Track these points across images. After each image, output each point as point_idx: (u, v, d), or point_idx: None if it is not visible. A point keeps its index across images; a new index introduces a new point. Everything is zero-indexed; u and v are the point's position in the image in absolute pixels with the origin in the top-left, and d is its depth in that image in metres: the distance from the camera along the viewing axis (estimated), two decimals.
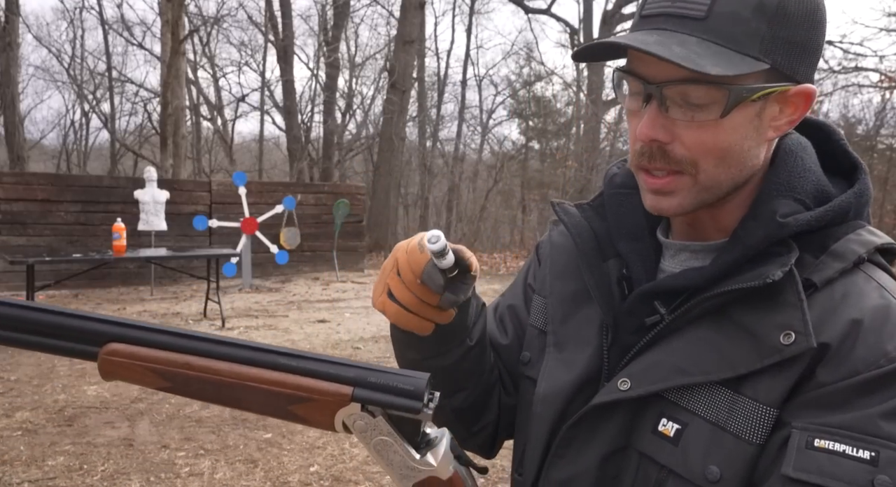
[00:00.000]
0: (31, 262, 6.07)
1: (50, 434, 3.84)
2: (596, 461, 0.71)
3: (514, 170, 21.49)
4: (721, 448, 0.63)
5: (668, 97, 0.65)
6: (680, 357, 0.67)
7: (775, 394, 0.62)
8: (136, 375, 0.60)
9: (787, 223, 0.66)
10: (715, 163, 0.66)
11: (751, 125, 0.66)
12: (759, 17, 0.62)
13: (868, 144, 14.93)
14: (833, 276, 0.64)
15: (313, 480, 3.30)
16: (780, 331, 0.62)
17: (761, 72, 0.64)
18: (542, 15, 21.31)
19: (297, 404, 0.59)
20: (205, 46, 21.87)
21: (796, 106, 0.67)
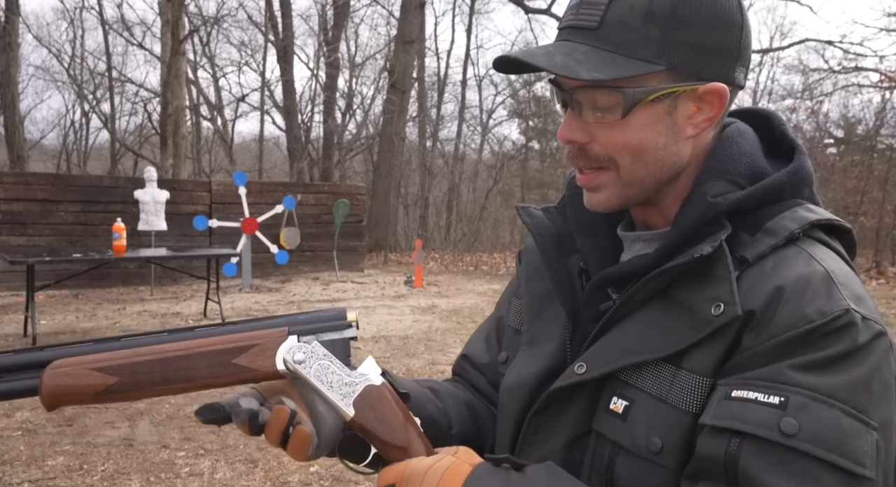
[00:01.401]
0: (31, 262, 6.07)
1: (50, 434, 3.84)
2: (561, 445, 0.74)
3: (514, 170, 21.50)
4: (662, 420, 0.66)
5: (580, 102, 0.70)
6: (630, 338, 0.70)
7: (708, 364, 0.65)
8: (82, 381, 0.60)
9: (717, 202, 0.69)
10: (631, 160, 0.70)
11: (661, 124, 0.69)
12: (649, 24, 0.66)
13: (868, 144, 14.92)
14: (765, 252, 0.67)
15: (313, 480, 3.30)
16: (712, 304, 0.65)
17: (660, 74, 0.67)
18: (542, 15, 21.30)
19: (241, 354, 0.64)
20: (205, 46, 21.89)
21: (711, 104, 0.70)
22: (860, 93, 18.77)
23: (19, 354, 0.63)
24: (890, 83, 13.95)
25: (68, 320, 7.47)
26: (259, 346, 0.65)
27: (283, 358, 0.65)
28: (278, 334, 0.67)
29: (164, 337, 0.65)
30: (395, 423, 0.68)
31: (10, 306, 8.28)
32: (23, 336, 6.45)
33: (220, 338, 0.67)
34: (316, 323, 0.68)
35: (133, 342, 0.65)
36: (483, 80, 24.40)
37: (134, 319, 7.60)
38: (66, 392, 0.61)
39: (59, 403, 0.62)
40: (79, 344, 0.64)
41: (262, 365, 0.66)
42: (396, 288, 10.76)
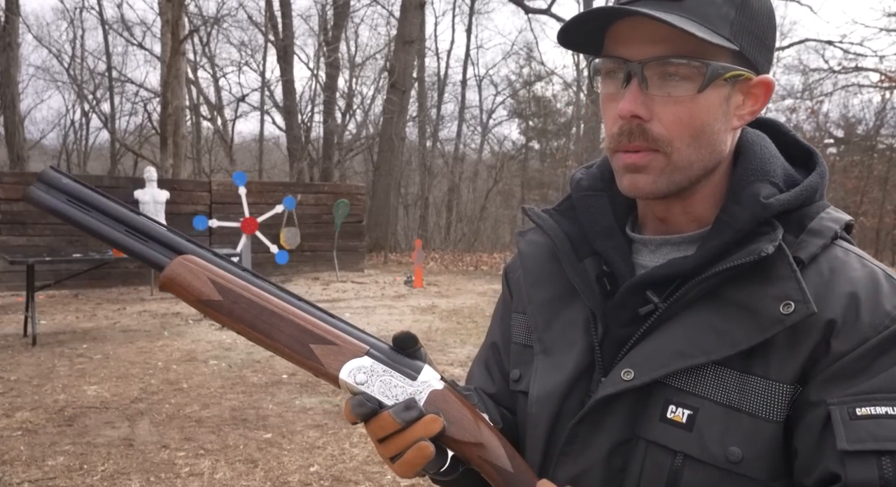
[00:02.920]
0: (31, 262, 6.07)
1: (50, 434, 3.84)
2: (603, 454, 0.72)
3: (514, 170, 21.50)
4: (738, 429, 0.65)
5: (650, 76, 0.68)
6: (680, 341, 0.69)
7: (788, 371, 0.65)
8: (197, 284, 0.65)
9: (771, 203, 0.70)
10: (688, 142, 0.69)
11: (720, 108, 0.70)
12: (728, 4, 0.67)
13: (868, 144, 14.93)
14: (816, 252, 0.68)
15: (313, 480, 3.30)
16: (779, 303, 0.65)
17: (731, 53, 0.68)
18: (542, 15, 21.31)
19: (320, 344, 0.66)
20: (205, 46, 21.88)
21: (756, 97, 0.72)
22: (860, 93, 18.78)
23: (170, 233, 0.67)
24: (890, 83, 13.96)
25: (68, 320, 7.47)
26: (337, 347, 0.67)
27: (348, 371, 0.66)
28: (358, 349, 0.68)
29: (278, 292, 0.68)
30: (465, 421, 0.68)
31: (10, 306, 8.28)
32: (23, 336, 6.45)
33: (314, 321, 0.68)
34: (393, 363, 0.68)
35: (254, 280, 0.68)
36: (483, 80, 24.44)
37: (134, 319, 7.60)
38: (180, 283, 0.65)
39: (169, 289, 0.66)
40: (218, 255, 0.68)
41: (328, 365, 0.67)
42: (396, 288, 10.76)
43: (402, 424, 0.64)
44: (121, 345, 6.16)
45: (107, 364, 5.46)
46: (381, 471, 3.41)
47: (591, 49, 0.73)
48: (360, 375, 0.66)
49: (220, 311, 0.66)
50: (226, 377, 5.14)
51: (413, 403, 0.65)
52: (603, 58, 0.72)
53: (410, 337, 0.69)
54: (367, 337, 0.70)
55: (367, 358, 0.67)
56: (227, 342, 6.41)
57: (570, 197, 0.87)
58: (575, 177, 0.87)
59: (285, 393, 4.74)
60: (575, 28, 0.71)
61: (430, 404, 0.67)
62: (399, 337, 0.69)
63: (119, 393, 4.67)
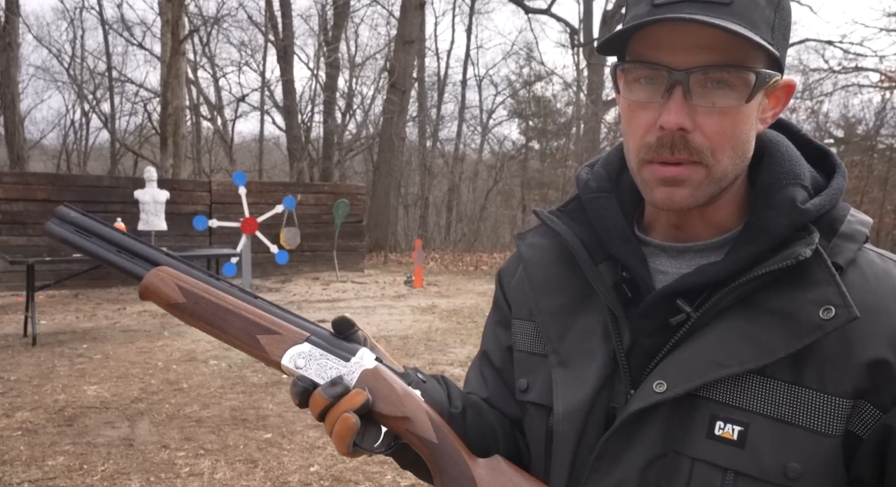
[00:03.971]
0: (31, 262, 6.07)
1: (50, 434, 3.84)
2: (637, 470, 0.69)
3: (514, 170, 21.50)
4: (795, 444, 0.63)
5: (695, 85, 0.64)
6: (714, 350, 0.66)
7: (845, 385, 0.63)
8: (166, 290, 0.74)
9: (808, 209, 0.67)
10: (729, 154, 0.67)
11: (755, 115, 0.68)
12: (770, 7, 0.65)
13: (868, 144, 14.92)
14: (852, 257, 0.67)
15: (313, 480, 3.30)
16: (819, 308, 0.63)
17: (769, 57, 0.65)
18: (542, 15, 21.31)
19: (265, 334, 0.72)
20: (205, 46, 21.89)
21: (778, 99, 0.70)
22: (860, 93, 18.79)
23: (151, 250, 0.77)
24: (890, 83, 13.96)
25: (68, 320, 7.48)
26: (280, 336, 0.73)
27: (289, 357, 0.72)
28: (299, 336, 0.73)
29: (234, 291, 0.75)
30: (393, 397, 0.71)
31: (10, 306, 8.29)
32: (23, 336, 6.46)
33: (261, 314, 0.73)
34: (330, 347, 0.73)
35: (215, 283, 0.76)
36: (483, 80, 24.44)
37: (134, 319, 7.61)
38: (153, 291, 0.75)
39: (146, 297, 0.75)
40: (190, 265, 0.77)
41: (272, 352, 0.72)
42: (396, 288, 10.76)
43: (330, 399, 0.68)
44: (121, 345, 6.16)
45: (107, 364, 5.46)
46: (380, 471, 3.41)
47: (612, 50, 0.70)
48: (300, 360, 0.72)
49: (185, 312, 0.74)
50: (226, 377, 5.14)
51: (339, 380, 0.69)
52: (642, 64, 0.66)
53: (346, 321, 0.74)
54: (310, 326, 0.74)
55: (306, 345, 0.72)
56: None
57: (577, 198, 0.83)
58: (582, 178, 0.83)
59: (285, 393, 4.74)
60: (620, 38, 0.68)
61: (360, 382, 0.71)
62: (336, 321, 0.74)
63: (119, 393, 4.67)
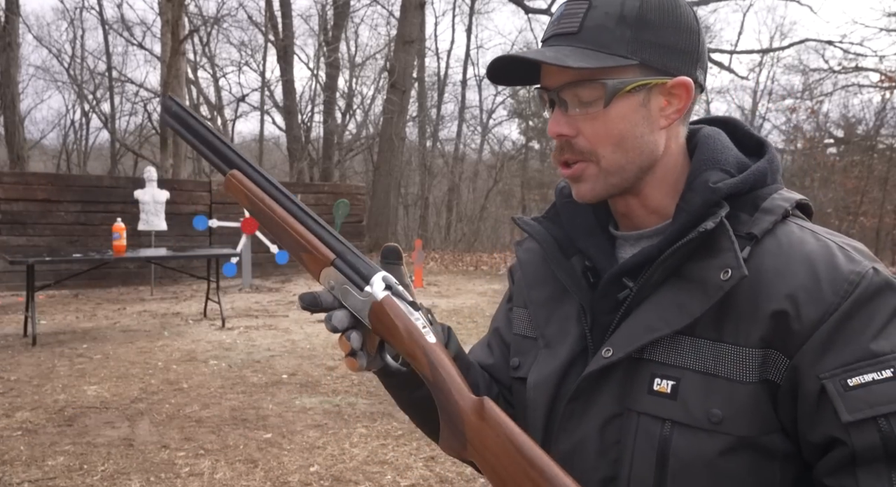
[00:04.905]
0: (31, 262, 6.06)
1: (50, 434, 3.84)
2: (596, 427, 0.80)
3: (514, 170, 21.50)
4: (717, 393, 0.73)
5: (566, 99, 0.79)
6: (649, 317, 0.77)
7: (753, 336, 0.72)
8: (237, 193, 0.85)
9: (718, 187, 0.78)
10: (612, 150, 0.79)
11: (637, 114, 0.78)
12: (622, 26, 0.77)
13: (868, 144, 14.92)
14: (768, 227, 0.76)
15: (313, 480, 3.30)
16: (720, 271, 0.73)
17: (633, 68, 0.77)
18: (542, 15, 21.30)
19: (305, 252, 0.82)
20: (205, 46, 21.89)
21: (679, 97, 0.79)
22: (860, 93, 18.78)
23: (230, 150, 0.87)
24: (890, 83, 13.95)
25: (68, 320, 7.47)
26: (314, 256, 0.81)
27: (323, 277, 0.81)
28: (327, 258, 0.81)
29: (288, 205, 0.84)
30: (395, 332, 0.78)
31: (10, 306, 8.29)
32: (23, 336, 6.46)
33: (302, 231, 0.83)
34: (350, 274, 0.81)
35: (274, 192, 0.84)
36: (483, 80, 24.37)
37: (134, 319, 7.61)
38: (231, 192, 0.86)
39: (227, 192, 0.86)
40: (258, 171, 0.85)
41: (312, 270, 0.83)
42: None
43: (331, 330, 0.79)
44: (121, 345, 6.16)
45: (107, 364, 5.46)
46: (380, 471, 3.41)
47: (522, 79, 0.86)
48: (331, 281, 0.80)
49: (252, 215, 0.85)
50: (226, 377, 5.14)
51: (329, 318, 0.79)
52: (536, 88, 0.85)
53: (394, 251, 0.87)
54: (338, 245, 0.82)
55: (332, 268, 0.80)
56: (227, 342, 6.41)
57: (555, 204, 0.96)
58: (559, 186, 0.97)
59: (285, 393, 4.74)
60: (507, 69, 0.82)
61: (372, 314, 0.78)
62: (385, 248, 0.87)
63: (119, 393, 4.67)
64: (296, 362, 5.67)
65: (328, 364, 5.63)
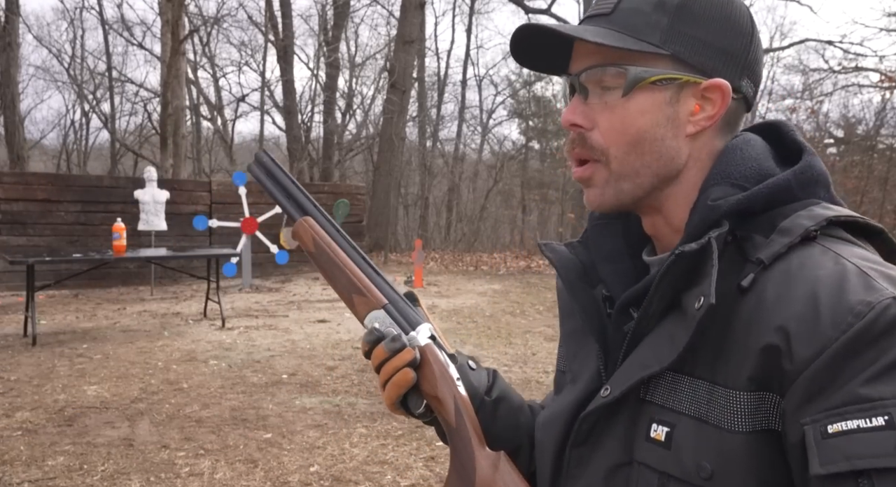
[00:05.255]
0: (31, 262, 6.06)
1: (50, 434, 3.84)
2: (601, 476, 0.71)
3: (514, 170, 21.49)
4: (708, 443, 0.62)
5: (587, 86, 0.71)
6: (645, 352, 0.69)
7: (740, 377, 0.61)
8: (305, 237, 0.90)
9: (718, 205, 0.67)
10: (626, 150, 0.70)
11: (661, 113, 0.69)
12: (659, 12, 0.69)
13: (868, 144, 14.92)
14: (780, 251, 0.63)
15: (313, 480, 3.30)
16: (696, 299, 0.63)
17: (664, 59, 0.69)
18: (542, 15, 21.31)
19: (358, 294, 0.85)
20: (205, 46, 21.90)
21: (713, 102, 0.70)
22: (860, 93, 18.79)
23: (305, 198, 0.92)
24: (890, 83, 13.95)
25: (68, 320, 7.47)
26: (366, 298, 0.85)
27: (369, 319, 0.84)
28: (379, 301, 0.84)
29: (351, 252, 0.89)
30: (430, 376, 0.79)
31: (10, 306, 8.29)
32: (23, 336, 6.46)
33: (359, 274, 0.86)
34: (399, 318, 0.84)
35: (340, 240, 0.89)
36: (483, 80, 24.43)
37: (134, 319, 7.61)
38: (299, 236, 0.91)
39: (296, 238, 0.91)
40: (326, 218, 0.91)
41: (359, 312, 0.85)
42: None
43: (389, 353, 0.78)
44: (121, 345, 6.16)
45: (107, 364, 5.46)
46: (380, 471, 3.41)
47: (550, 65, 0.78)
48: (376, 324, 0.84)
49: (313, 259, 0.89)
50: (226, 377, 5.14)
51: (398, 338, 0.80)
52: (562, 75, 0.77)
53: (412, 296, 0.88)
54: (392, 293, 0.86)
55: (382, 311, 0.84)
56: (227, 342, 6.41)
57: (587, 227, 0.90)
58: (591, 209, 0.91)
59: (285, 393, 4.74)
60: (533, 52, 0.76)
61: None
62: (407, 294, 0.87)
63: (119, 393, 4.67)
64: (296, 362, 5.67)
65: (328, 364, 5.63)
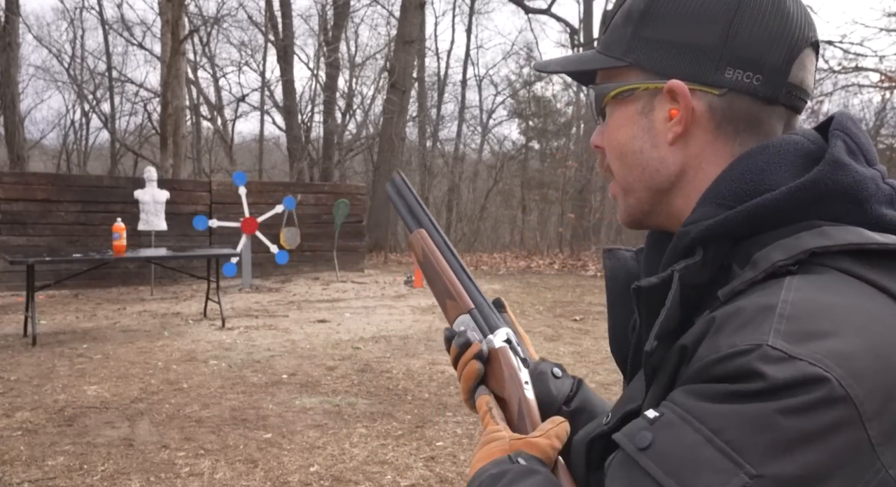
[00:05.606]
0: (31, 262, 6.06)
1: (50, 434, 3.84)
2: None
3: (514, 170, 21.49)
4: None
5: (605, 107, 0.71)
6: (634, 385, 0.65)
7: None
8: (416, 247, 0.95)
9: (688, 230, 0.61)
10: (619, 164, 0.70)
11: (636, 124, 0.67)
12: (626, 23, 0.67)
13: None
14: (740, 288, 0.56)
15: (313, 480, 3.30)
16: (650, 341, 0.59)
17: (630, 70, 0.67)
18: (542, 15, 21.31)
19: (450, 300, 0.91)
20: (205, 46, 21.90)
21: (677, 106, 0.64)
22: (860, 93, 18.78)
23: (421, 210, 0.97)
24: (890, 83, 13.95)
25: (68, 320, 7.47)
26: (457, 303, 0.90)
27: (456, 323, 0.90)
28: (466, 306, 0.89)
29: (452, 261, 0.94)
30: (499, 377, 0.83)
31: (10, 306, 8.29)
32: (23, 336, 6.46)
33: (454, 281, 0.91)
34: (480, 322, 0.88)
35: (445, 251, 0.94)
36: (483, 80, 24.43)
37: (134, 319, 7.61)
38: (412, 246, 0.97)
39: (410, 248, 0.97)
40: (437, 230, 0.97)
41: (449, 316, 0.90)
42: (396, 288, 10.76)
43: (458, 348, 0.83)
44: (121, 345, 6.16)
45: (107, 364, 5.46)
46: (380, 471, 3.41)
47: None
48: (461, 327, 0.90)
49: (420, 268, 0.95)
50: (226, 377, 5.14)
51: (464, 334, 0.85)
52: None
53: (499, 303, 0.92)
54: (479, 298, 0.91)
55: (467, 316, 0.90)
56: (227, 342, 6.41)
57: None
58: None
59: (285, 393, 4.74)
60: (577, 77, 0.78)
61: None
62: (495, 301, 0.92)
63: (119, 393, 4.67)
64: (296, 362, 5.67)
65: (328, 364, 5.63)
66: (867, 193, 0.59)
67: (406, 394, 4.77)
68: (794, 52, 0.62)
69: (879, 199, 0.59)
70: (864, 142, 0.62)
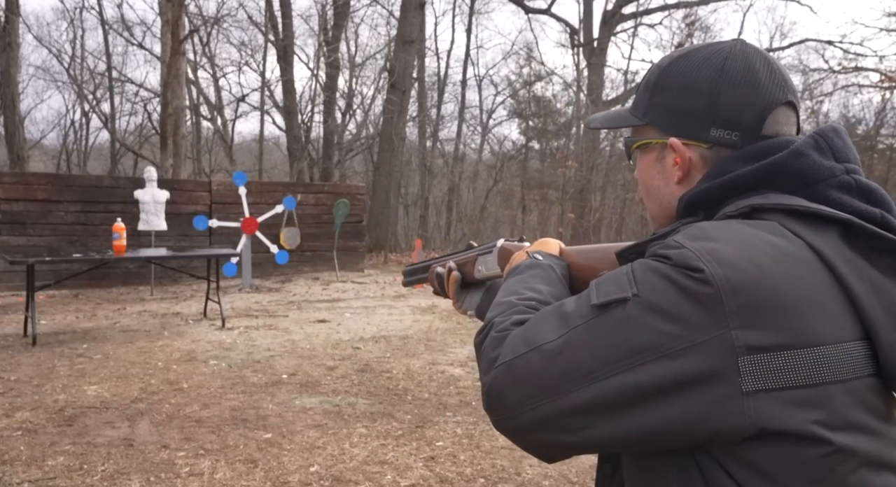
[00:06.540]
0: (31, 262, 6.06)
1: (50, 434, 3.84)
2: None
3: (514, 170, 21.47)
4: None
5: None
6: None
7: None
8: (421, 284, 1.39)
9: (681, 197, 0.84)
10: (646, 198, 0.92)
11: (654, 168, 0.89)
12: (646, 91, 0.88)
13: (868, 144, 14.92)
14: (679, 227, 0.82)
15: (313, 480, 3.30)
16: None
17: (648, 128, 0.89)
18: (542, 15, 21.31)
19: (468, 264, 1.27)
20: (205, 46, 21.87)
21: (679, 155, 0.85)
22: (860, 93, 18.78)
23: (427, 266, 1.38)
24: (890, 83, 13.94)
25: (68, 320, 7.47)
26: (471, 262, 1.26)
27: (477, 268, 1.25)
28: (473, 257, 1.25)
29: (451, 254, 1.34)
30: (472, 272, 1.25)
31: (10, 306, 8.28)
32: (23, 336, 6.46)
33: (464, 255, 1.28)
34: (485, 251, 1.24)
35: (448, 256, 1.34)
36: (483, 80, 24.41)
37: (134, 319, 7.60)
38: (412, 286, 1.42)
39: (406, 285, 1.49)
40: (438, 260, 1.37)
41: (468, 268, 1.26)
42: (396, 287, 10.75)
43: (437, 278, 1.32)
44: (121, 345, 6.16)
45: (107, 364, 5.46)
46: (380, 471, 3.41)
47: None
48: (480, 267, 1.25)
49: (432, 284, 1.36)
50: (226, 377, 5.14)
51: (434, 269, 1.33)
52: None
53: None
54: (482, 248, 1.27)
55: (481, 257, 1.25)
56: (227, 342, 6.41)
57: None
58: None
59: (285, 393, 4.74)
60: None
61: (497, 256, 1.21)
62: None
63: (119, 393, 4.67)
64: (296, 362, 5.67)
65: (328, 364, 5.63)
66: (818, 177, 0.75)
67: (406, 394, 4.77)
68: (766, 112, 0.80)
69: (832, 184, 0.75)
70: (837, 144, 0.78)
